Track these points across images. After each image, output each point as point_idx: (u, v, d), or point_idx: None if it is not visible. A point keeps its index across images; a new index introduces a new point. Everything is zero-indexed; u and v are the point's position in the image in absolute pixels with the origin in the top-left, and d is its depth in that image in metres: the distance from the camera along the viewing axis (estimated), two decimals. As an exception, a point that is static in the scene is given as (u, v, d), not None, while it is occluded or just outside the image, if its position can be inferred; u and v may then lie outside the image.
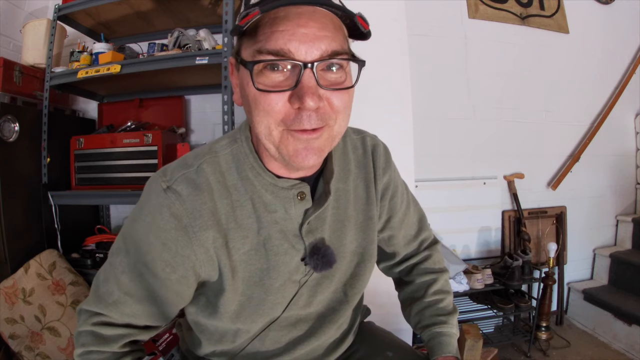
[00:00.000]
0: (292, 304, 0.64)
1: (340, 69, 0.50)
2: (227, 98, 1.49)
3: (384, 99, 1.54)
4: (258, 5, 0.45)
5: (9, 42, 2.11)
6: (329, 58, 0.48)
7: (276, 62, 0.47)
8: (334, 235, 0.65)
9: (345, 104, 0.52)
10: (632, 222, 2.40)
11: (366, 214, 0.70)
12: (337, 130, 0.54)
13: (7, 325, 1.55)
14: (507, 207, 2.30)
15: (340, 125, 0.54)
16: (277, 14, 0.46)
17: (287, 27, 0.46)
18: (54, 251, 1.65)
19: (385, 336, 0.87)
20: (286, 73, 0.48)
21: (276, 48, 0.46)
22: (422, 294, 0.80)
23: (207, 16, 1.89)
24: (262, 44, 0.47)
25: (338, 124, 0.53)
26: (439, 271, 0.83)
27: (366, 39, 0.52)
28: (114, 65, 1.65)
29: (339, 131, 0.54)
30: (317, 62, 0.47)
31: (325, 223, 0.64)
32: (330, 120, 0.51)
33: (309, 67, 0.47)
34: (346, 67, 0.52)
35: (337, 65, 0.50)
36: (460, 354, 0.78)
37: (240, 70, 0.53)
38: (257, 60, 0.47)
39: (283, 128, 0.50)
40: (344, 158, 0.69)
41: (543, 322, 2.04)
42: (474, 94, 2.26)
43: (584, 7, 2.43)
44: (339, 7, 0.47)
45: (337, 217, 0.66)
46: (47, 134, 1.77)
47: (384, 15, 1.57)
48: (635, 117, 2.56)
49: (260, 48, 0.47)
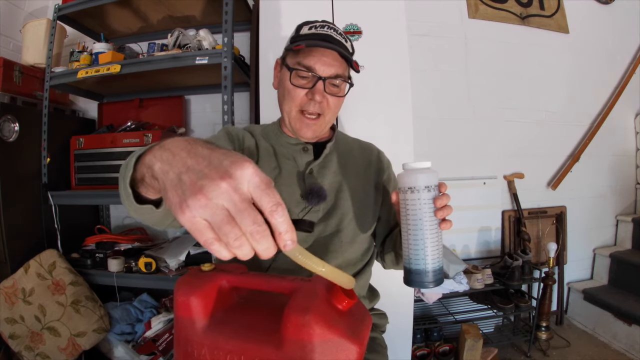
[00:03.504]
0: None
1: (338, 85, 0.85)
2: (227, 98, 1.49)
3: (384, 99, 1.54)
4: (304, 40, 0.82)
5: (9, 42, 2.11)
6: (334, 78, 0.83)
7: (306, 73, 0.82)
8: (331, 187, 0.88)
9: (336, 104, 0.86)
10: (632, 222, 2.40)
11: (365, 186, 0.93)
12: (328, 120, 0.87)
13: (7, 325, 1.55)
14: (507, 207, 2.30)
15: (330, 117, 0.87)
16: (313, 48, 0.81)
17: (316, 55, 0.82)
18: (54, 251, 1.64)
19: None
20: (309, 80, 0.83)
21: (309, 65, 0.82)
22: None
23: (207, 16, 1.89)
24: (301, 60, 0.82)
25: (329, 116, 0.86)
26: None
27: (358, 72, 0.86)
28: (114, 65, 1.65)
29: (329, 120, 0.88)
30: (327, 78, 0.82)
31: (325, 177, 0.88)
32: (325, 112, 0.85)
33: (322, 80, 0.82)
34: (342, 85, 0.85)
35: (337, 82, 0.84)
36: (460, 353, 0.79)
37: (283, 69, 0.87)
38: (296, 68, 0.82)
39: (298, 109, 0.85)
40: (350, 147, 0.97)
41: (543, 322, 2.04)
42: (474, 94, 2.27)
43: (584, 7, 2.44)
44: (346, 53, 0.82)
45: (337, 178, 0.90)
46: (47, 134, 1.77)
47: (384, 15, 1.57)
48: (635, 117, 2.56)
49: (300, 62, 0.82)
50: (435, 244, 0.65)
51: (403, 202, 0.66)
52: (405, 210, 0.66)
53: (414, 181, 0.64)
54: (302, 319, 0.48)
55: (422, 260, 0.64)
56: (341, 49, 0.80)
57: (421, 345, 1.88)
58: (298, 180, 0.86)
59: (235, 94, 1.54)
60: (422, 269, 0.65)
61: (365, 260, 0.92)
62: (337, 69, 0.82)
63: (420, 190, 0.64)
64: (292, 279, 0.58)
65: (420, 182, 0.64)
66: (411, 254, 0.66)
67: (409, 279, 0.67)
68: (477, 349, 1.78)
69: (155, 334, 1.64)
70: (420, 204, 0.64)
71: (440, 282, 0.66)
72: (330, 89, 0.83)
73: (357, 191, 0.90)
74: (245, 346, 0.52)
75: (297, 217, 0.82)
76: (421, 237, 0.64)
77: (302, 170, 0.87)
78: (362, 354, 0.50)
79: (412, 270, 0.66)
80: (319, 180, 0.87)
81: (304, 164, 0.88)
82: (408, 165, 0.67)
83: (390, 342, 0.99)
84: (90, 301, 1.60)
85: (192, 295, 0.57)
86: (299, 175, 0.87)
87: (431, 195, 0.64)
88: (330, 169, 0.90)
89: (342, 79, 0.83)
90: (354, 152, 0.97)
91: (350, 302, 0.53)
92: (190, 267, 1.58)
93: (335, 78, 0.82)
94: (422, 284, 0.65)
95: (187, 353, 0.56)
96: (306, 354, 0.47)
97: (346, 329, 0.50)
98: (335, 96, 0.84)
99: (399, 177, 0.67)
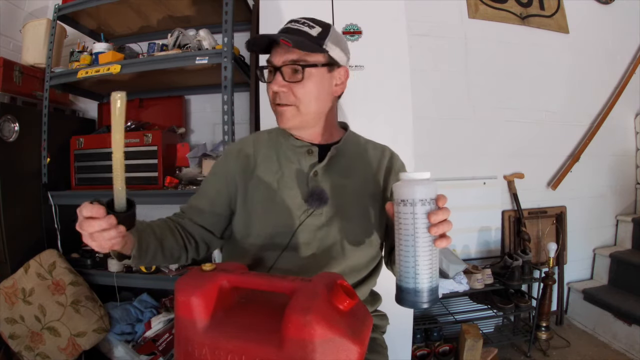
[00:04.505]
0: (297, 234, 0.82)
1: (298, 72, 0.80)
2: (227, 98, 1.49)
3: (384, 99, 1.54)
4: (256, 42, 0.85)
5: (9, 42, 2.11)
6: (290, 64, 0.80)
7: (271, 68, 0.84)
8: (335, 190, 0.85)
9: (303, 93, 0.81)
10: (632, 222, 2.40)
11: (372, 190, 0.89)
12: (304, 111, 0.82)
13: (7, 325, 1.55)
14: (507, 207, 2.30)
15: (305, 108, 0.82)
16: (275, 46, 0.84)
17: (275, 48, 0.83)
18: (54, 251, 1.64)
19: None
20: (272, 73, 0.84)
21: (269, 59, 0.83)
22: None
23: (207, 16, 1.89)
24: (268, 57, 0.84)
25: (302, 106, 0.82)
26: None
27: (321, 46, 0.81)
28: (114, 65, 1.65)
29: (306, 111, 0.83)
30: (281, 67, 0.81)
31: (329, 180, 0.86)
32: (294, 102, 0.81)
33: (278, 70, 0.81)
34: (302, 71, 0.80)
35: (295, 69, 0.80)
36: (460, 353, 0.78)
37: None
38: (262, 66, 0.86)
39: (273, 103, 0.84)
40: (360, 149, 0.94)
41: (543, 322, 2.04)
42: (474, 94, 2.27)
43: (584, 7, 2.44)
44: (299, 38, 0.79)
45: (342, 181, 0.87)
46: (47, 134, 1.77)
47: (384, 15, 1.57)
48: (635, 117, 2.57)
49: (267, 59, 0.84)
50: (428, 262, 0.60)
51: (396, 214, 0.62)
52: (398, 224, 0.62)
53: (407, 193, 0.60)
54: (303, 319, 0.48)
55: (412, 279, 0.60)
56: (291, 35, 0.78)
57: (421, 345, 1.88)
58: (301, 183, 0.85)
59: (235, 94, 1.54)
60: (411, 288, 0.60)
61: (370, 267, 0.90)
62: (292, 55, 0.79)
63: (414, 204, 0.59)
64: (293, 279, 0.58)
65: (413, 195, 0.59)
66: (402, 271, 0.61)
67: (399, 297, 0.62)
68: (477, 349, 1.77)
69: (155, 334, 1.64)
70: (412, 218, 0.59)
71: (433, 303, 0.61)
72: (290, 76, 0.80)
73: (363, 196, 0.87)
74: (246, 346, 0.52)
75: (299, 220, 0.82)
76: (412, 255, 0.60)
77: (305, 173, 0.86)
78: (363, 354, 0.50)
79: (402, 288, 0.61)
80: (322, 183, 0.85)
81: (307, 166, 0.87)
82: (403, 176, 0.63)
83: (391, 342, 0.99)
84: (90, 301, 1.59)
85: (192, 295, 0.57)
86: (303, 177, 0.86)
87: (426, 209, 0.59)
88: (335, 172, 0.87)
89: (300, 63, 0.79)
90: (365, 154, 0.93)
91: (351, 302, 0.53)
92: (190, 267, 1.58)
93: (292, 64, 0.79)
94: (413, 304, 0.60)
95: (188, 353, 0.56)
96: (307, 354, 0.47)
97: (347, 329, 0.50)
98: (295, 82, 0.80)
99: (393, 187, 0.63)
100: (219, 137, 2.09)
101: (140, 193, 1.61)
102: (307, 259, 0.82)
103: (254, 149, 0.91)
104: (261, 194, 0.85)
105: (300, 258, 0.82)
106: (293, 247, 0.82)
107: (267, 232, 0.83)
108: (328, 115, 0.88)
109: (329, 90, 0.85)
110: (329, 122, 0.90)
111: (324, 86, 0.83)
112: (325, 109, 0.86)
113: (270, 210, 0.84)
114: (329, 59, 0.82)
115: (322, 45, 0.81)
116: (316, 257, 0.83)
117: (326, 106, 0.86)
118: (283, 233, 0.82)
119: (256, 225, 0.84)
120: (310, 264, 0.82)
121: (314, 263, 0.82)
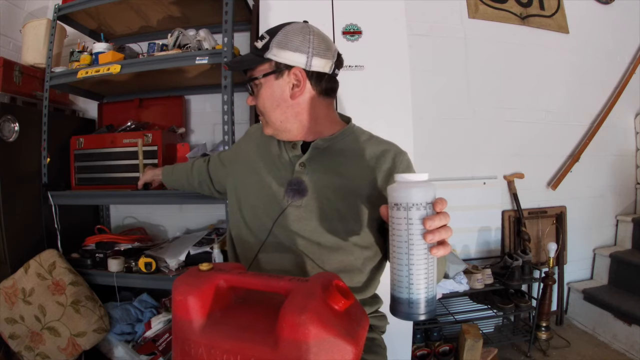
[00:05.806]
0: (277, 224, 0.83)
1: (252, 88, 0.86)
2: (227, 98, 1.49)
3: (384, 99, 1.54)
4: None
5: (9, 42, 2.11)
6: (248, 83, 0.86)
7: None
8: (318, 185, 0.84)
9: (263, 105, 0.85)
10: (632, 222, 2.40)
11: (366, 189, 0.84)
12: (273, 120, 0.85)
13: (7, 325, 1.55)
14: (507, 207, 2.30)
15: (270, 117, 0.85)
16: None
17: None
18: (54, 251, 1.65)
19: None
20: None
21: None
22: None
23: (207, 16, 1.89)
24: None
25: (269, 117, 0.85)
26: None
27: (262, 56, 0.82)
28: (114, 65, 1.65)
29: (274, 121, 0.85)
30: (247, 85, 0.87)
31: (312, 174, 0.85)
32: (262, 113, 0.87)
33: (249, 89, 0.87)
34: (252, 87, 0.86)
35: (250, 86, 0.86)
36: (460, 353, 0.78)
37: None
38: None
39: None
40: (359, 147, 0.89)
41: (543, 322, 2.04)
42: (474, 94, 2.27)
43: (584, 7, 2.43)
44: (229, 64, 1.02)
45: (327, 176, 0.84)
46: (47, 134, 1.77)
47: (384, 15, 1.57)
48: (635, 117, 2.56)
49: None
50: (424, 271, 0.55)
51: (390, 219, 0.57)
52: (392, 230, 0.57)
53: (400, 197, 0.55)
54: (297, 319, 0.48)
55: (405, 288, 0.55)
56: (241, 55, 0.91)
57: (421, 345, 1.88)
58: (283, 175, 0.87)
59: (235, 94, 1.54)
60: (405, 298, 0.55)
61: (367, 268, 0.86)
62: (249, 73, 0.86)
63: (407, 208, 0.54)
64: (290, 279, 0.58)
65: (407, 199, 0.55)
66: (395, 280, 0.57)
67: (392, 307, 0.58)
68: (477, 349, 1.77)
69: (155, 334, 1.64)
70: (406, 223, 0.55)
71: (430, 315, 0.56)
72: (251, 92, 0.87)
73: (355, 195, 0.82)
74: (241, 346, 0.52)
75: (281, 209, 0.85)
76: (406, 263, 0.55)
77: (288, 162, 0.88)
78: (358, 355, 0.50)
79: (395, 298, 0.57)
80: (304, 177, 0.84)
81: (293, 157, 0.87)
82: (398, 177, 0.58)
83: (390, 342, 0.99)
84: (90, 301, 1.60)
85: (189, 295, 0.57)
86: (289, 168, 0.87)
87: (421, 214, 0.54)
88: (321, 167, 0.85)
89: (254, 80, 0.84)
90: (362, 152, 0.88)
91: (346, 302, 0.53)
92: (190, 267, 1.59)
93: (250, 81, 0.86)
94: (407, 316, 0.55)
95: (185, 352, 0.56)
96: (302, 354, 0.47)
97: (342, 329, 0.50)
98: (255, 97, 0.86)
99: (388, 190, 0.58)
100: (219, 137, 2.10)
101: (140, 193, 1.61)
102: (290, 249, 0.84)
103: (244, 144, 1.02)
104: (251, 179, 0.91)
105: (284, 247, 0.84)
106: (275, 235, 0.84)
107: (253, 216, 0.88)
108: (305, 117, 0.85)
109: (285, 96, 0.82)
110: (313, 121, 0.85)
111: (277, 93, 0.83)
112: (292, 113, 0.84)
113: (257, 196, 0.89)
114: (274, 67, 0.81)
115: (264, 55, 0.81)
116: (297, 250, 0.83)
117: (293, 110, 0.83)
118: (266, 218, 0.85)
119: (244, 210, 0.90)
120: (292, 257, 0.84)
121: (295, 256, 0.84)
